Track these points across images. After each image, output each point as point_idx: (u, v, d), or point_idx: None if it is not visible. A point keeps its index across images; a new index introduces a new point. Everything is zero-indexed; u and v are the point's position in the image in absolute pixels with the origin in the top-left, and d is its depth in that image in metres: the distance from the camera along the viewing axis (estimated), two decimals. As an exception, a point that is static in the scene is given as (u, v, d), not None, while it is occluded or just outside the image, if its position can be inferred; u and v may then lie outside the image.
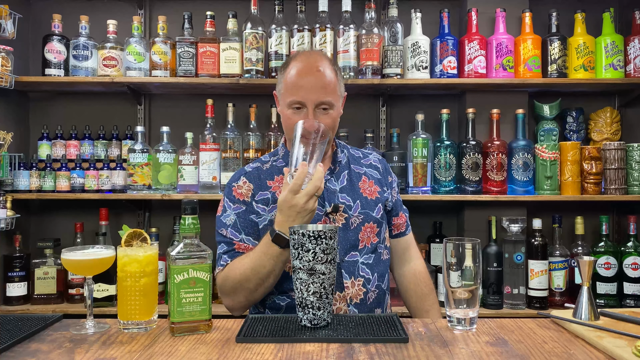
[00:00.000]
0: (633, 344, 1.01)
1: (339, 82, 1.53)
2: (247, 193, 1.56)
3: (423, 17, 2.54)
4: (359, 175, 1.62)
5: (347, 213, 1.54)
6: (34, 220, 2.71)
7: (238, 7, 2.61)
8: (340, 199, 1.55)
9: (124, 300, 1.19)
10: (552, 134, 2.62)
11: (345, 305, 1.49)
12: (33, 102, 2.74)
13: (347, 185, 1.58)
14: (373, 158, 1.70)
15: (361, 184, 1.60)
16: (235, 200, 1.56)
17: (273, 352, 1.04)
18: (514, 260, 2.37)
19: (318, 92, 1.47)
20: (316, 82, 1.47)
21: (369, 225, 1.54)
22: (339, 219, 1.53)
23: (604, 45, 2.52)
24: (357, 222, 1.54)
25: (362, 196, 1.58)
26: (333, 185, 1.57)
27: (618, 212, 2.72)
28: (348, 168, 1.62)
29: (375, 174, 1.65)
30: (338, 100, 1.53)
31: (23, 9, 2.51)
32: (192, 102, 2.73)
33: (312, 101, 1.46)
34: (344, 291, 1.49)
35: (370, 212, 1.56)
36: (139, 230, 1.24)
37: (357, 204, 1.56)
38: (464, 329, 1.17)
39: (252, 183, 1.58)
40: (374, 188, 1.61)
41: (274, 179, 1.58)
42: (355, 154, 1.69)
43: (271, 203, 1.55)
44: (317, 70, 1.48)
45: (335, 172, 1.59)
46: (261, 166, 1.62)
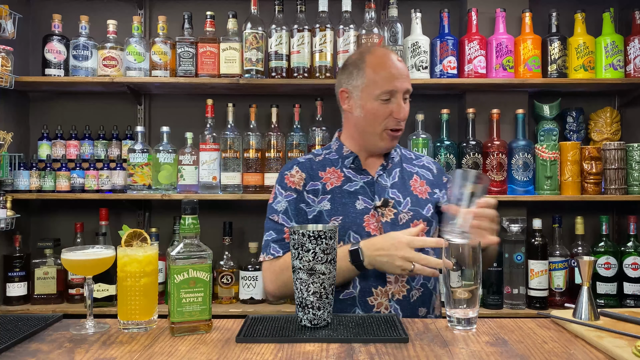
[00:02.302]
0: (633, 344, 1.01)
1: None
2: (299, 182, 1.60)
3: (423, 17, 2.54)
4: (410, 173, 1.64)
5: (397, 208, 1.55)
6: (34, 220, 2.71)
7: (238, 7, 2.61)
8: (391, 194, 1.57)
9: (124, 300, 1.19)
10: (552, 134, 2.62)
11: (387, 300, 1.48)
12: (33, 102, 2.74)
13: (399, 182, 1.60)
14: (426, 160, 1.73)
15: (412, 182, 1.62)
16: (287, 188, 1.60)
17: (273, 352, 1.04)
18: (514, 260, 2.37)
19: (405, 80, 1.56)
20: (402, 71, 1.56)
21: (418, 222, 1.54)
22: (388, 214, 1.54)
23: (604, 45, 2.52)
24: (407, 218, 1.55)
25: (413, 194, 1.59)
26: (384, 180, 1.59)
27: (618, 212, 2.72)
28: (400, 166, 1.64)
29: (428, 174, 1.67)
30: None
31: (23, 9, 2.51)
32: (192, 102, 2.73)
33: (403, 89, 1.55)
34: (386, 286, 1.49)
35: (420, 210, 1.57)
36: (139, 230, 1.24)
37: (407, 201, 1.57)
38: (464, 329, 1.17)
39: (304, 172, 1.61)
40: (425, 188, 1.62)
41: (325, 171, 1.62)
42: (407, 154, 1.72)
43: (321, 194, 1.57)
44: (398, 60, 1.58)
45: (387, 168, 1.62)
46: (314, 158, 1.66)
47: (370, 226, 1.53)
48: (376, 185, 1.58)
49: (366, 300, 1.49)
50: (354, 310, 1.50)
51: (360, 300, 1.49)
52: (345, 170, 1.61)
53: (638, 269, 2.43)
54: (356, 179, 1.59)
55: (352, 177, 1.60)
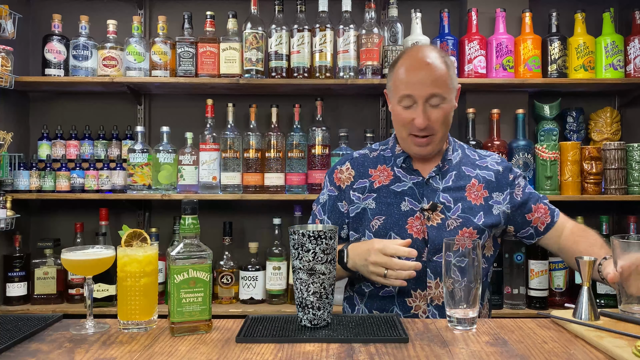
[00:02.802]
0: (633, 344, 1.01)
1: (450, 74, 1.49)
2: (346, 179, 1.59)
3: (423, 17, 2.54)
4: (468, 177, 1.56)
5: (445, 214, 1.50)
6: (34, 220, 2.71)
7: (238, 7, 2.60)
8: (442, 198, 1.51)
9: (124, 300, 1.19)
10: (552, 134, 2.62)
11: (425, 304, 1.47)
12: (33, 102, 2.74)
13: (452, 185, 1.54)
14: (491, 160, 1.61)
15: (469, 186, 1.54)
16: (333, 184, 1.62)
17: (273, 352, 1.04)
18: (514, 260, 2.37)
19: (429, 86, 1.44)
20: (425, 76, 1.45)
21: (467, 230, 1.49)
22: (435, 218, 1.50)
23: (604, 45, 2.52)
24: (455, 224, 1.49)
25: (466, 200, 1.52)
26: (437, 183, 1.53)
27: (618, 212, 2.72)
28: (458, 169, 1.57)
29: (491, 176, 1.57)
30: (450, 93, 1.49)
31: (23, 9, 2.51)
32: (192, 102, 2.73)
33: (422, 96, 1.45)
34: (425, 290, 1.47)
35: (471, 217, 1.50)
36: (139, 230, 1.24)
37: (458, 207, 1.51)
38: (464, 329, 1.17)
39: (354, 169, 1.60)
40: (482, 193, 1.54)
41: (376, 168, 1.59)
42: (470, 155, 1.62)
43: (367, 191, 1.56)
44: (426, 63, 1.46)
45: (442, 170, 1.55)
46: (369, 154, 1.64)
47: (413, 229, 1.49)
48: (426, 187, 1.53)
49: (405, 301, 1.48)
50: (392, 309, 1.49)
51: (399, 300, 1.48)
52: (396, 169, 1.57)
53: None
54: (405, 179, 1.55)
55: (401, 177, 1.55)
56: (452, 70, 1.51)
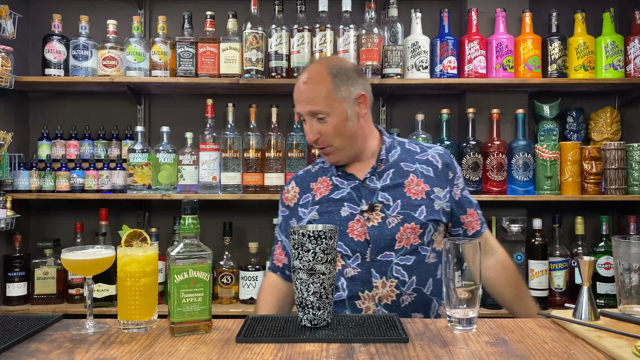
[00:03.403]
0: (633, 344, 1.01)
1: (335, 88, 1.51)
2: (292, 198, 1.64)
3: (423, 17, 2.54)
4: (406, 173, 1.57)
5: (385, 212, 1.51)
6: (34, 220, 2.71)
7: (238, 7, 2.60)
8: (380, 197, 1.53)
9: (124, 300, 1.19)
10: (552, 134, 2.62)
11: (374, 304, 1.48)
12: (33, 102, 2.74)
13: (390, 184, 1.55)
14: (432, 153, 1.62)
15: (407, 182, 1.55)
16: (283, 204, 1.67)
17: (273, 352, 1.04)
18: (514, 260, 2.37)
19: (305, 103, 1.52)
20: (302, 95, 1.53)
21: (409, 226, 1.50)
22: (375, 218, 1.51)
23: (604, 45, 2.52)
24: (396, 222, 1.50)
25: (405, 196, 1.53)
26: (374, 184, 1.55)
27: (618, 212, 2.72)
28: (396, 166, 1.58)
29: (429, 171, 1.58)
30: (334, 106, 1.50)
31: (23, 9, 2.51)
32: (192, 102, 2.73)
33: (304, 113, 1.54)
34: (372, 290, 1.48)
35: (411, 212, 1.51)
36: (139, 230, 1.24)
37: (398, 204, 1.52)
38: (464, 329, 1.17)
39: (298, 187, 1.64)
40: (422, 187, 1.55)
41: (317, 181, 1.62)
42: (411, 148, 1.63)
43: (311, 205, 1.59)
44: (303, 82, 1.53)
45: (378, 170, 1.57)
46: (311, 169, 1.68)
47: (354, 232, 1.51)
48: (363, 189, 1.55)
49: (355, 304, 1.50)
50: (344, 312, 1.51)
51: (349, 303, 1.50)
52: (334, 178, 1.60)
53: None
54: (343, 185, 1.58)
55: (339, 185, 1.59)
56: (341, 82, 1.52)
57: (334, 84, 1.51)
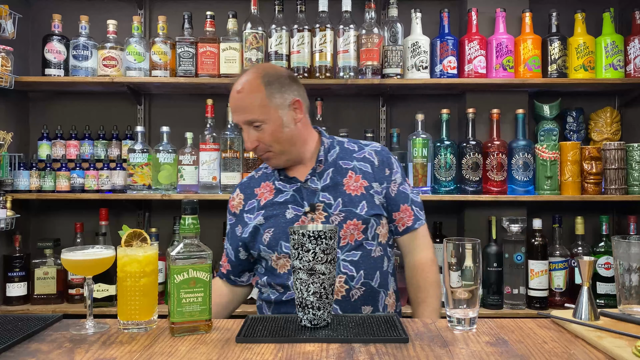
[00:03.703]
0: (633, 344, 1.01)
1: (269, 96, 1.53)
2: (238, 205, 1.67)
3: (423, 17, 2.54)
4: (345, 170, 1.60)
5: (327, 211, 1.55)
6: (34, 220, 2.71)
7: (238, 7, 2.60)
8: (321, 197, 1.56)
9: (124, 300, 1.19)
10: (552, 134, 2.62)
11: None
12: (33, 102, 2.74)
13: (330, 183, 1.58)
14: (369, 150, 1.65)
15: (346, 180, 1.58)
16: (230, 213, 1.69)
17: (273, 352, 1.04)
18: (514, 260, 2.37)
19: (241, 112, 1.55)
20: (236, 105, 1.56)
21: (352, 222, 1.53)
22: (319, 218, 1.55)
23: (604, 45, 2.52)
24: (338, 220, 1.54)
25: (345, 193, 1.57)
26: (315, 184, 1.58)
27: (618, 212, 2.72)
28: (335, 165, 1.61)
29: (367, 167, 1.61)
30: (268, 114, 1.53)
31: (23, 9, 2.51)
32: (192, 102, 2.73)
33: (241, 122, 1.56)
34: None
35: (352, 209, 1.55)
36: (139, 230, 1.24)
37: (339, 202, 1.55)
38: (464, 329, 1.17)
39: (243, 193, 1.68)
40: (361, 183, 1.58)
41: (260, 186, 1.66)
42: (350, 147, 1.66)
43: (256, 210, 1.62)
44: (236, 92, 1.56)
45: (317, 171, 1.59)
46: (255, 175, 1.71)
47: None
48: (304, 190, 1.58)
49: None
50: (293, 312, 1.53)
51: None
52: (276, 182, 1.63)
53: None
54: (286, 188, 1.60)
55: (282, 188, 1.61)
56: (275, 89, 1.54)
57: (268, 91, 1.53)
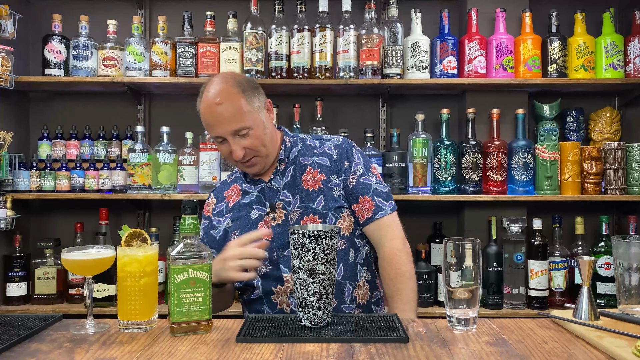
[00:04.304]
0: (633, 344, 1.01)
1: (249, 101, 1.51)
2: (210, 209, 1.69)
3: (423, 17, 2.54)
4: (304, 167, 1.60)
5: (286, 209, 1.56)
6: (34, 220, 2.71)
7: (238, 7, 2.61)
8: (281, 196, 1.57)
9: (124, 300, 1.19)
10: (552, 134, 2.62)
11: (287, 298, 1.53)
12: (33, 102, 2.74)
13: (290, 180, 1.59)
14: (329, 145, 1.63)
15: (304, 176, 1.58)
16: (204, 217, 1.70)
17: (273, 352, 1.04)
18: (514, 260, 2.37)
19: (228, 123, 1.49)
20: (220, 117, 1.49)
21: (309, 218, 1.54)
22: (279, 217, 1.55)
23: (604, 45, 2.52)
24: (296, 216, 1.54)
25: (303, 189, 1.57)
26: (278, 183, 1.59)
27: (618, 212, 2.72)
28: (295, 162, 1.61)
29: (326, 161, 1.60)
30: (253, 119, 1.51)
31: (23, 9, 2.51)
32: (192, 102, 2.69)
33: (227, 133, 1.50)
34: (284, 284, 1.53)
35: (309, 204, 1.55)
36: (139, 230, 1.24)
37: (297, 199, 1.56)
38: (464, 329, 1.17)
39: (215, 197, 1.69)
40: (318, 178, 1.58)
41: (229, 189, 1.67)
42: (312, 144, 1.65)
43: (225, 213, 1.63)
44: (216, 104, 1.50)
45: (280, 170, 1.60)
46: (227, 179, 1.73)
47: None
48: (267, 190, 1.59)
49: (270, 299, 1.55)
50: (262, 309, 1.56)
51: (266, 299, 1.55)
52: (243, 184, 1.64)
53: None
54: (251, 190, 1.62)
55: (248, 190, 1.62)
56: (251, 93, 1.53)
57: (246, 97, 1.52)
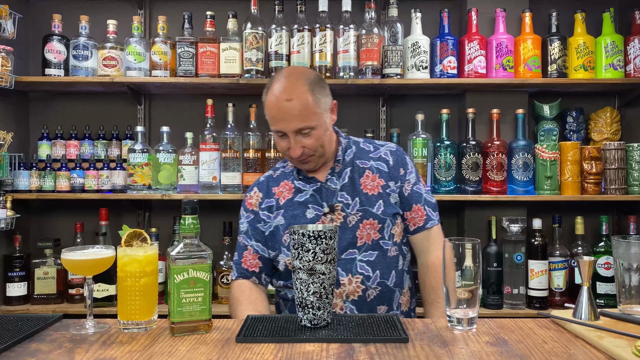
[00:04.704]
0: (633, 344, 1.02)
1: (317, 101, 1.51)
2: (255, 203, 1.66)
3: (423, 17, 2.54)
4: (362, 170, 1.61)
5: (345, 211, 1.55)
6: (34, 220, 2.71)
7: (238, 7, 2.61)
8: (339, 197, 1.57)
9: (124, 300, 1.19)
10: (552, 134, 2.62)
11: (342, 301, 1.51)
12: (33, 102, 2.74)
13: (348, 182, 1.59)
14: (384, 150, 1.66)
15: (363, 179, 1.59)
16: (247, 210, 1.68)
17: (273, 352, 1.04)
18: (514, 260, 2.37)
19: (292, 120, 1.49)
20: (287, 114, 1.49)
21: (368, 222, 1.54)
22: (338, 218, 1.55)
23: (604, 45, 2.52)
24: (355, 219, 1.54)
25: (362, 192, 1.57)
26: (334, 184, 1.59)
27: (618, 212, 2.72)
28: (352, 165, 1.62)
29: (383, 167, 1.62)
30: (318, 119, 1.52)
31: (23, 9, 2.51)
32: (192, 102, 2.73)
33: (290, 130, 1.51)
34: (340, 288, 1.51)
35: (369, 208, 1.56)
36: (139, 230, 1.24)
37: (356, 202, 1.56)
38: (464, 329, 1.17)
39: (261, 192, 1.67)
40: (377, 182, 1.59)
41: (279, 185, 1.65)
42: (366, 147, 1.67)
43: (275, 210, 1.62)
44: (286, 100, 1.49)
45: (336, 171, 1.60)
46: (273, 174, 1.70)
47: None
48: (324, 190, 1.58)
49: None
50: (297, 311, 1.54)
51: None
52: (296, 182, 1.63)
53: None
54: (305, 188, 1.61)
55: (301, 188, 1.62)
56: (319, 94, 1.53)
57: (315, 97, 1.52)
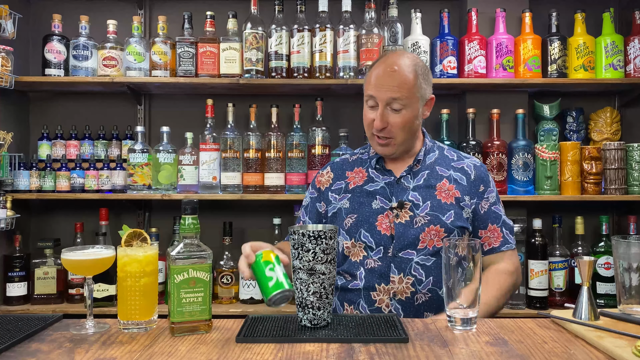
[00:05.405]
0: (633, 344, 1.02)
1: (418, 84, 1.53)
2: (325, 182, 1.69)
3: (423, 17, 2.54)
4: (440, 177, 1.60)
5: (414, 211, 1.55)
6: (34, 220, 2.71)
7: (238, 7, 2.61)
8: (410, 196, 1.56)
9: (124, 300, 1.19)
10: (552, 134, 2.62)
11: (389, 298, 1.51)
12: (33, 102, 2.74)
13: (423, 184, 1.58)
14: (468, 163, 1.64)
15: (439, 185, 1.58)
16: (314, 187, 1.72)
17: (273, 352, 1.04)
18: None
19: (389, 89, 1.51)
20: (389, 80, 1.51)
21: (435, 228, 1.52)
22: (404, 216, 1.55)
23: (604, 45, 2.52)
24: (422, 222, 1.53)
25: (435, 198, 1.56)
26: (407, 182, 1.59)
27: (618, 212, 2.72)
28: (431, 168, 1.61)
29: (463, 179, 1.60)
30: (413, 100, 1.53)
31: (23, 9, 2.51)
32: (192, 102, 2.73)
33: (383, 99, 1.52)
34: (389, 284, 1.51)
35: (440, 215, 1.54)
36: (139, 230, 1.24)
37: (427, 205, 1.55)
38: (464, 329, 1.17)
39: (333, 172, 1.70)
40: (453, 193, 1.57)
41: (353, 170, 1.67)
42: (449, 155, 1.66)
43: (343, 192, 1.64)
44: (392, 69, 1.52)
45: (414, 170, 1.60)
46: (349, 158, 1.73)
47: (382, 225, 1.54)
48: (397, 186, 1.59)
49: (370, 294, 1.53)
50: (358, 302, 1.54)
51: (365, 294, 1.53)
52: (370, 170, 1.64)
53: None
54: (378, 179, 1.62)
55: (374, 178, 1.62)
56: (423, 80, 1.55)
57: (418, 80, 1.54)
